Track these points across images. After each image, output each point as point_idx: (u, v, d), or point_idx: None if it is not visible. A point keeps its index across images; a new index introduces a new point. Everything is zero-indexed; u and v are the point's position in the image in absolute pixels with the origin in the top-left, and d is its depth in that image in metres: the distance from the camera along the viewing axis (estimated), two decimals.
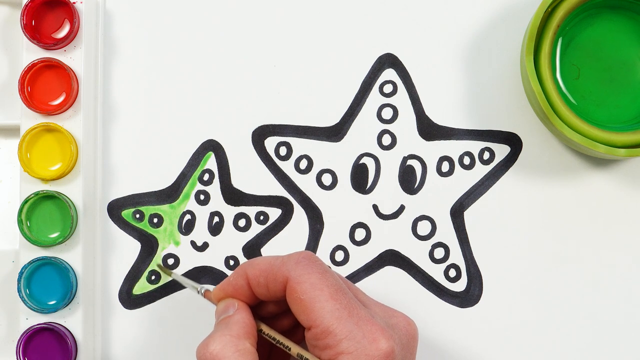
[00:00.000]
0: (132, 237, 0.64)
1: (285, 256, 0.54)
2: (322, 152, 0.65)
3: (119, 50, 0.65)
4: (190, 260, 0.64)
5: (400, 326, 0.54)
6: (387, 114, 0.65)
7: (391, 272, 0.64)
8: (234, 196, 0.64)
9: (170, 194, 0.64)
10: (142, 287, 0.64)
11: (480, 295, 0.64)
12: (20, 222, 0.61)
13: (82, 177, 0.62)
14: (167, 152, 0.64)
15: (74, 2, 0.63)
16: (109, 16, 0.65)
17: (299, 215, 0.64)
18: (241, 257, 0.64)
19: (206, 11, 0.65)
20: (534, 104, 0.62)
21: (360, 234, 0.64)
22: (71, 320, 0.62)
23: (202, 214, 0.64)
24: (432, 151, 0.64)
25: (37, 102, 0.62)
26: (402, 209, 0.64)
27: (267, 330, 0.55)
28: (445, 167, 0.64)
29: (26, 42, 0.62)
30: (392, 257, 0.64)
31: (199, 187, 0.64)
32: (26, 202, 0.61)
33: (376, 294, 0.63)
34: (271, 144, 0.65)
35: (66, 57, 0.63)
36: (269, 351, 0.58)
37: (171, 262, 0.64)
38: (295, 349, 0.54)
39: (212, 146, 0.65)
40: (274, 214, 0.64)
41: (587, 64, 0.62)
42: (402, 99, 0.65)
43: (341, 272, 0.64)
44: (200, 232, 0.64)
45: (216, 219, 0.64)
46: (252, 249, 0.64)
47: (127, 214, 0.64)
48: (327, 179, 0.65)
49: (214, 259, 0.64)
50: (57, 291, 0.62)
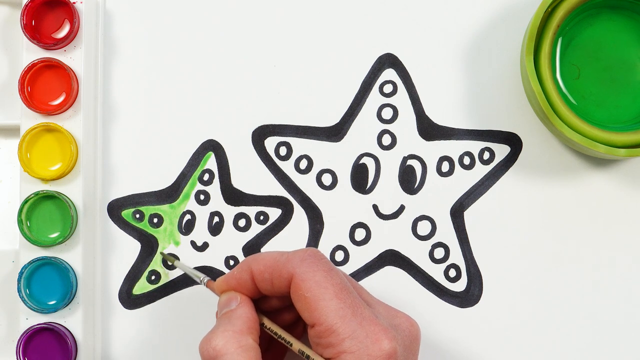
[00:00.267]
0: (132, 237, 0.64)
1: (290, 252, 0.54)
2: (322, 152, 0.65)
3: (119, 50, 0.65)
4: (190, 260, 0.64)
5: (403, 327, 0.54)
6: (387, 114, 0.65)
7: (391, 272, 0.64)
8: (234, 196, 0.64)
9: (170, 194, 0.64)
10: (142, 287, 0.64)
11: (480, 295, 0.64)
12: (20, 222, 0.61)
13: (82, 177, 0.62)
14: (167, 152, 0.64)
15: (74, 2, 0.63)
16: (109, 16, 0.65)
17: (299, 215, 0.64)
18: (241, 257, 0.64)
19: (206, 11, 0.65)
20: (534, 104, 0.62)
21: (360, 234, 0.64)
22: (71, 320, 0.62)
23: (202, 214, 0.64)
24: (432, 151, 0.64)
25: (37, 102, 0.62)
26: (402, 209, 0.64)
27: (269, 324, 0.55)
28: (445, 167, 0.64)
29: (26, 42, 0.62)
30: (392, 257, 0.64)
31: (199, 187, 0.64)
32: (26, 202, 0.61)
33: (376, 294, 0.63)
34: (271, 144, 0.65)
35: (66, 57, 0.63)
36: (268, 343, 0.58)
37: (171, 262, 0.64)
38: (296, 345, 0.54)
39: (212, 146, 0.65)
40: (274, 214, 0.64)
41: (587, 64, 0.62)
42: (402, 99, 0.65)
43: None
44: (200, 232, 0.64)
45: (216, 219, 0.64)
46: (252, 249, 0.64)
47: (127, 214, 0.64)
48: (327, 179, 0.64)
49: (214, 259, 0.64)
50: (57, 291, 0.62)
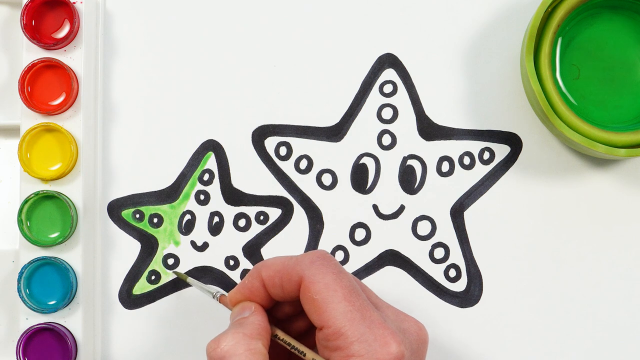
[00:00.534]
0: (132, 237, 0.64)
1: (299, 256, 0.54)
2: (322, 152, 0.64)
3: (119, 50, 0.65)
4: (190, 260, 0.64)
5: (411, 331, 0.54)
6: (387, 114, 0.65)
7: (391, 272, 0.64)
8: (234, 196, 0.64)
9: (170, 194, 0.64)
10: (142, 287, 0.64)
11: (480, 295, 0.64)
12: (20, 222, 0.61)
13: (82, 177, 0.62)
14: (167, 152, 0.64)
15: (74, 2, 0.63)
16: (109, 16, 0.65)
17: (299, 215, 0.64)
18: (241, 257, 0.64)
19: (206, 11, 0.65)
20: (534, 104, 0.62)
21: (360, 234, 0.64)
22: (71, 320, 0.62)
23: (202, 214, 0.64)
24: (432, 151, 0.64)
25: (37, 102, 0.62)
26: (402, 209, 0.64)
27: (282, 335, 0.55)
28: (445, 167, 0.64)
29: (26, 42, 0.62)
30: (392, 257, 0.64)
31: (199, 187, 0.64)
32: (26, 202, 0.61)
33: (377, 294, 0.63)
34: (271, 144, 0.65)
35: (66, 57, 0.63)
36: (287, 359, 0.57)
37: (171, 262, 0.64)
38: (310, 355, 0.54)
39: (212, 146, 0.65)
40: (274, 214, 0.64)
41: (587, 64, 0.62)
42: (402, 99, 0.65)
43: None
44: (200, 232, 0.64)
45: (216, 219, 0.64)
46: (252, 249, 0.64)
47: (127, 214, 0.64)
48: (327, 179, 0.64)
49: (214, 259, 0.64)
50: (57, 291, 0.62)
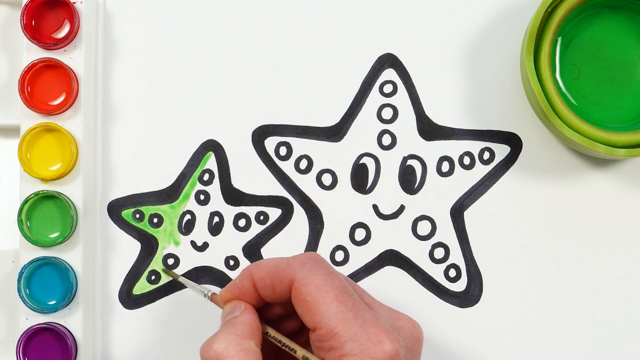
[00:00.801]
0: (132, 237, 0.64)
1: (290, 257, 0.54)
2: (322, 152, 0.64)
3: (119, 50, 0.65)
4: (190, 260, 0.64)
5: (405, 329, 0.54)
6: (387, 114, 0.65)
7: (391, 272, 0.64)
8: (234, 196, 0.64)
9: (170, 194, 0.64)
10: (142, 287, 0.64)
11: (480, 295, 0.64)
12: (20, 222, 0.61)
13: (82, 177, 0.62)
14: (167, 152, 0.64)
15: (74, 2, 0.63)
16: (109, 16, 0.65)
17: (299, 215, 0.64)
18: (241, 257, 0.64)
19: (206, 11, 0.65)
20: (534, 104, 0.62)
21: (360, 234, 0.64)
22: (71, 320, 0.62)
23: (202, 214, 0.64)
24: (432, 151, 0.64)
25: (37, 102, 0.62)
26: (402, 209, 0.64)
27: (273, 333, 0.55)
28: (445, 167, 0.64)
29: (26, 42, 0.62)
30: (392, 257, 0.64)
31: (199, 187, 0.64)
32: (26, 202, 0.61)
33: (376, 294, 0.63)
34: (271, 144, 0.65)
35: (66, 57, 0.63)
36: (276, 355, 0.57)
37: (171, 262, 0.64)
38: (300, 352, 0.54)
39: (212, 146, 0.65)
40: (274, 214, 0.64)
41: (587, 64, 0.62)
42: (402, 99, 0.65)
43: (341, 272, 0.64)
44: (200, 232, 0.64)
45: (216, 219, 0.64)
46: (252, 249, 0.64)
47: (127, 214, 0.64)
48: (327, 179, 0.64)
49: (214, 259, 0.64)
50: (57, 291, 0.62)
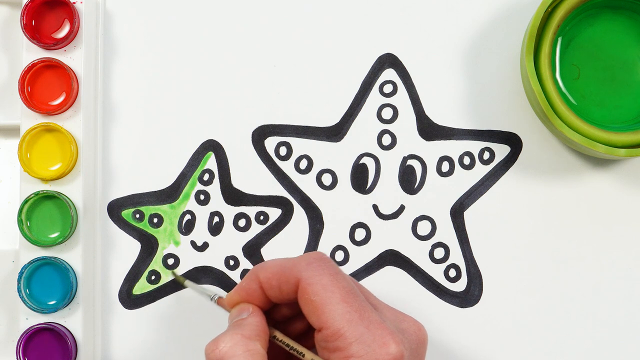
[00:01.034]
0: (132, 237, 0.64)
1: (297, 257, 0.54)
2: (322, 152, 0.64)
3: (119, 50, 0.65)
4: (190, 260, 0.64)
5: (410, 331, 0.54)
6: (387, 114, 0.65)
7: (391, 272, 0.64)
8: (234, 196, 0.64)
9: (170, 194, 0.64)
10: (142, 287, 0.64)
11: (480, 295, 0.64)
12: (20, 222, 0.61)
13: (82, 177, 0.62)
14: (167, 152, 0.64)
15: (74, 2, 0.63)
16: (109, 16, 0.65)
17: (299, 215, 0.64)
18: (241, 257, 0.64)
19: (206, 11, 0.65)
20: (534, 104, 0.62)
21: (360, 234, 0.64)
22: (71, 320, 0.62)
23: (202, 214, 0.64)
24: (432, 151, 0.64)
25: (37, 102, 0.62)
26: (402, 209, 0.64)
27: (280, 336, 0.55)
28: (445, 167, 0.64)
29: (26, 42, 0.62)
30: (392, 257, 0.64)
31: (199, 187, 0.64)
32: (26, 202, 0.61)
33: (376, 294, 0.63)
34: (271, 144, 0.65)
35: (66, 57, 0.63)
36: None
37: (171, 262, 0.64)
38: (308, 355, 0.53)
39: (212, 146, 0.65)
40: (274, 214, 0.64)
41: (587, 64, 0.62)
42: (402, 99, 0.65)
43: None
44: (200, 232, 0.64)
45: (216, 219, 0.64)
46: (252, 249, 0.64)
47: (127, 214, 0.64)
48: (327, 179, 0.64)
49: (214, 259, 0.64)
50: (57, 291, 0.62)
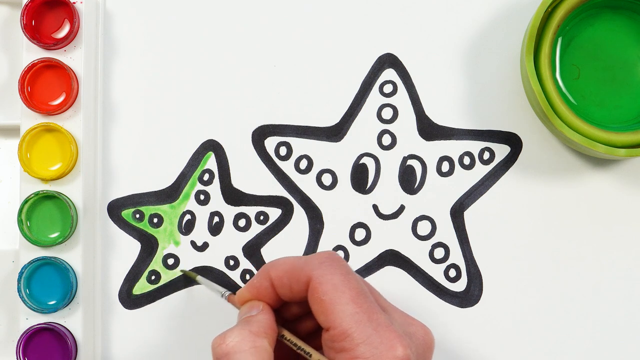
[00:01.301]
0: (132, 237, 0.64)
1: (308, 256, 0.54)
2: (322, 152, 0.65)
3: (119, 50, 0.65)
4: (190, 260, 0.64)
5: (418, 335, 0.54)
6: (387, 114, 0.65)
7: (391, 272, 0.64)
8: (234, 196, 0.64)
9: (170, 194, 0.64)
10: (142, 287, 0.64)
11: (480, 295, 0.64)
12: (20, 222, 0.61)
13: (82, 177, 0.62)
14: (167, 152, 0.64)
15: (74, 2, 0.63)
16: (109, 16, 0.65)
17: (299, 215, 0.64)
18: (241, 257, 0.64)
19: (206, 11, 0.65)
20: (534, 104, 0.62)
21: (360, 234, 0.64)
22: (71, 320, 0.62)
23: (202, 214, 0.64)
24: (432, 151, 0.64)
25: (37, 102, 0.62)
26: (402, 209, 0.64)
27: (289, 336, 0.54)
28: (445, 167, 0.64)
29: (26, 42, 0.62)
30: (392, 257, 0.64)
31: (199, 187, 0.64)
32: (26, 202, 0.61)
33: None
34: (271, 144, 0.65)
35: (66, 57, 0.63)
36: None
37: (171, 262, 0.64)
38: (316, 356, 0.53)
39: (212, 146, 0.65)
40: (274, 214, 0.64)
41: (587, 64, 0.62)
42: (402, 99, 0.65)
43: None
44: (200, 232, 0.64)
45: (216, 219, 0.64)
46: (252, 249, 0.64)
47: (127, 214, 0.64)
48: (327, 179, 0.64)
49: (214, 259, 0.64)
50: (57, 291, 0.62)
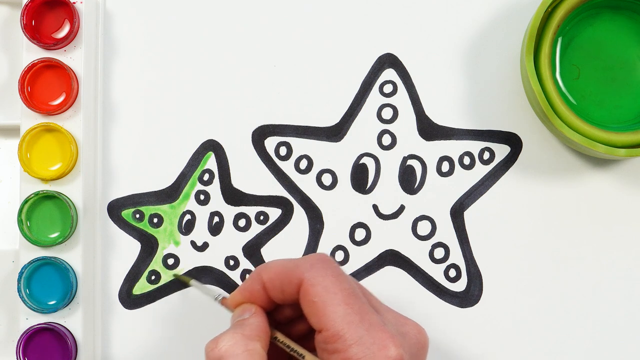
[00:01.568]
0: (132, 237, 0.64)
1: (300, 258, 0.54)
2: (322, 152, 0.64)
3: (119, 50, 0.65)
4: (190, 260, 0.64)
5: (411, 335, 0.54)
6: (387, 114, 0.65)
7: (391, 272, 0.64)
8: (234, 196, 0.64)
9: (170, 194, 0.64)
10: (142, 287, 0.64)
11: (480, 295, 0.64)
12: (20, 222, 0.61)
13: (82, 177, 0.62)
14: (167, 152, 0.64)
15: (74, 2, 0.63)
16: (109, 16, 0.65)
17: (299, 215, 0.64)
18: (241, 257, 0.64)
19: (206, 11, 0.65)
20: (534, 104, 0.62)
21: (360, 234, 0.64)
22: (71, 320, 0.62)
23: (202, 214, 0.64)
24: (432, 151, 0.64)
25: (37, 102, 0.62)
26: (402, 209, 0.64)
27: (282, 338, 0.54)
28: (445, 167, 0.64)
29: (26, 42, 0.62)
30: (392, 257, 0.64)
31: (199, 187, 0.64)
32: (26, 202, 0.61)
33: (376, 294, 0.63)
34: (271, 144, 0.65)
35: (66, 57, 0.63)
36: None
37: (171, 262, 0.64)
38: (309, 357, 0.53)
39: (212, 146, 0.65)
40: (274, 214, 0.64)
41: (587, 64, 0.62)
42: (402, 99, 0.65)
43: None
44: (200, 232, 0.64)
45: (216, 219, 0.64)
46: (252, 249, 0.64)
47: (127, 214, 0.64)
48: (327, 179, 0.64)
49: (214, 259, 0.64)
50: (57, 291, 0.62)
